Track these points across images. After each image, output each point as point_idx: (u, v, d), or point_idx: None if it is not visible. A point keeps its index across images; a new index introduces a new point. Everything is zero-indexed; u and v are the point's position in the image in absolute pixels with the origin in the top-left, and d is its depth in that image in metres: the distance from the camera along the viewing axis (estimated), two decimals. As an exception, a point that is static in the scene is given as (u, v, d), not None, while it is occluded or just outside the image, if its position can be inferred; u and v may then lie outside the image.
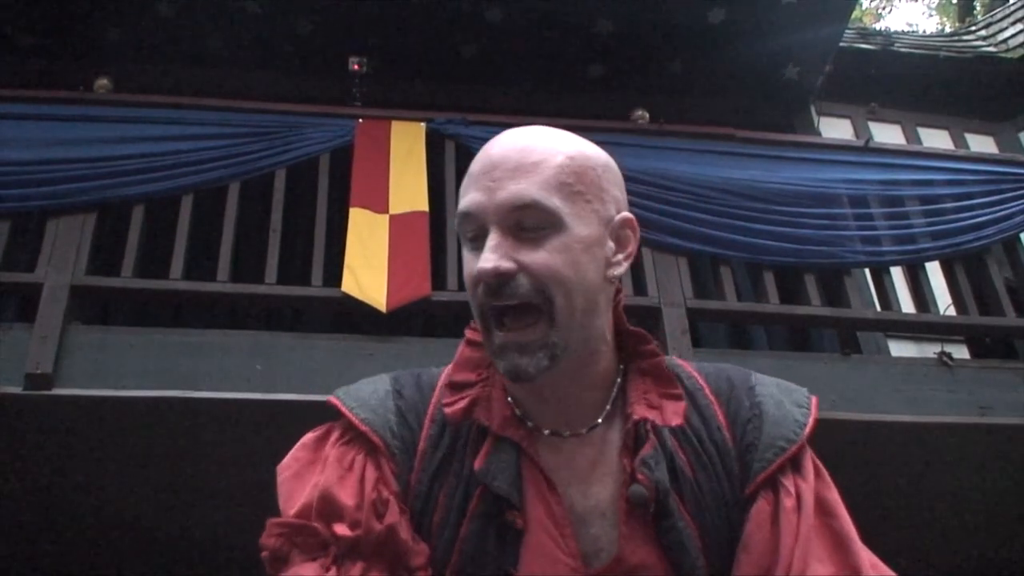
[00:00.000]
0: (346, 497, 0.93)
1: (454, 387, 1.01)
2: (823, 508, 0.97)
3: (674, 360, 1.08)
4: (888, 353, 4.21)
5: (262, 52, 4.73)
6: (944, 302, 4.01)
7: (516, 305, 0.92)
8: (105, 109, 3.78)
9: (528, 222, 0.91)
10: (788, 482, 0.96)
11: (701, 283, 3.92)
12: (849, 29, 5.40)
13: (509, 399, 1.00)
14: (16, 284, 3.34)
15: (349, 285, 3.30)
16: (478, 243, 0.94)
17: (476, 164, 0.96)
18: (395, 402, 1.02)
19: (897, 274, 4.05)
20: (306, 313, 4.09)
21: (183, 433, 3.18)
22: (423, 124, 3.87)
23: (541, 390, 0.98)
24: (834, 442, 3.49)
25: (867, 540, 0.98)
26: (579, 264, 0.92)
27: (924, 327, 3.97)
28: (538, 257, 0.91)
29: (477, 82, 4.87)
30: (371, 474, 0.96)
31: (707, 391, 1.03)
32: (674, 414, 0.97)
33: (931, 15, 16.23)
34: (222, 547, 3.64)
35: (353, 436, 0.99)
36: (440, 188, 3.70)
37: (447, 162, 3.81)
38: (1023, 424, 3.49)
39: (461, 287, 3.59)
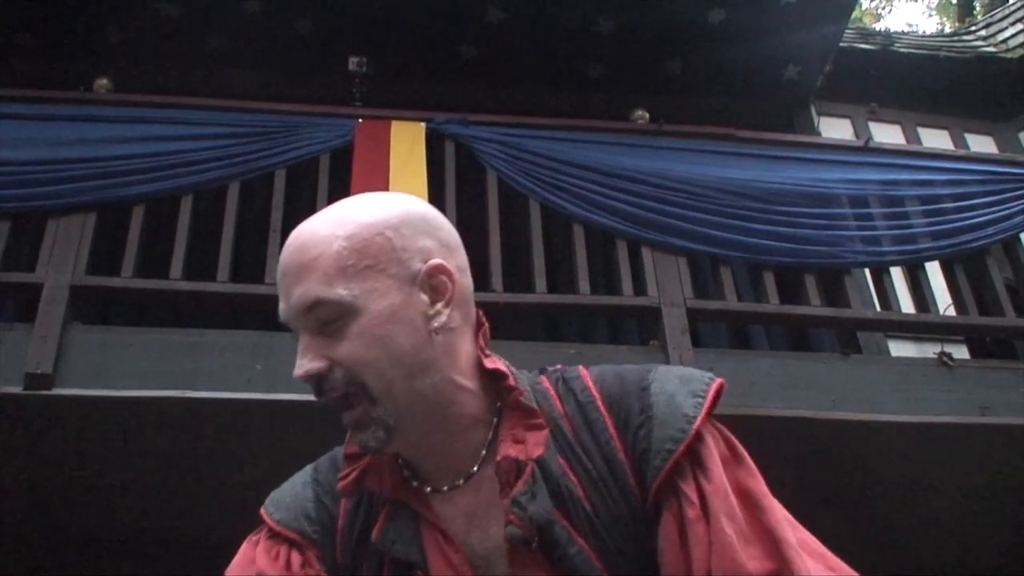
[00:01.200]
0: (278, 574, 1.01)
1: (348, 459, 1.03)
2: (746, 499, 0.93)
3: (575, 372, 1.06)
4: (888, 353, 4.21)
5: (262, 52, 4.73)
6: (944, 302, 4.01)
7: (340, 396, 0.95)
8: (105, 109, 3.78)
9: (323, 317, 0.93)
10: (688, 487, 0.93)
11: (701, 283, 3.92)
12: (849, 29, 5.40)
13: (400, 461, 1.03)
14: (16, 284, 3.34)
15: (349, 285, 3.30)
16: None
17: (278, 271, 0.98)
18: (313, 489, 1.07)
19: (897, 274, 4.05)
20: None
21: (183, 433, 3.18)
22: (423, 124, 3.87)
23: (416, 450, 1.00)
24: (834, 442, 3.51)
25: (867, 540, 0.98)
26: (384, 339, 0.92)
27: (924, 327, 3.97)
28: (342, 349, 0.92)
29: (477, 82, 4.87)
30: (296, 558, 1.02)
31: (599, 402, 1.00)
32: (536, 445, 0.96)
33: (931, 15, 16.23)
34: (222, 547, 3.64)
35: (275, 533, 1.06)
36: (440, 188, 3.70)
37: (447, 162, 3.81)
38: (1023, 424, 3.49)
39: (461, 287, 3.60)
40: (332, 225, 0.95)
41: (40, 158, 3.46)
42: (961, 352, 4.04)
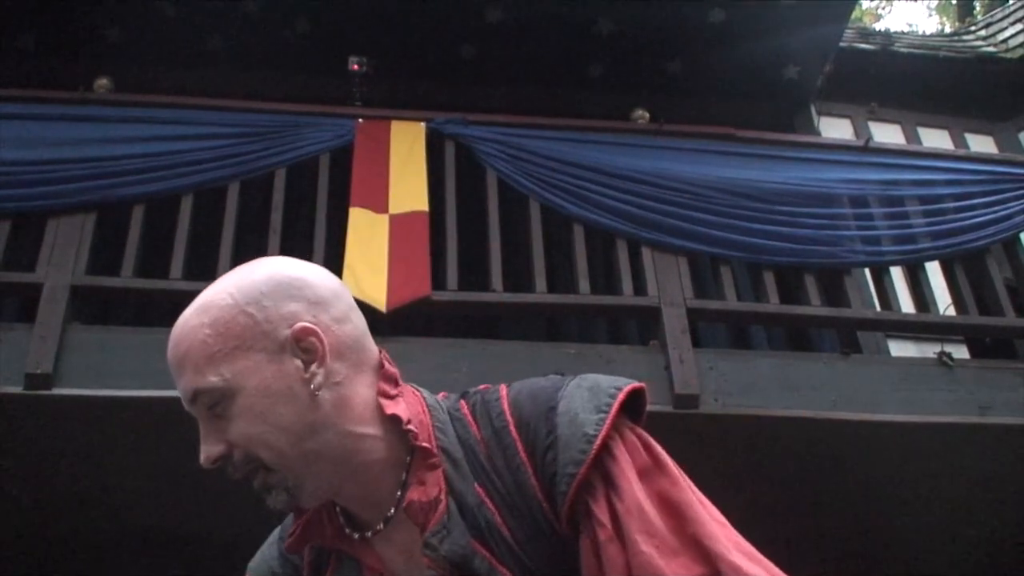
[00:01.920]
0: None
1: (296, 513, 1.06)
2: (669, 510, 0.90)
3: (496, 394, 1.03)
4: (888, 353, 4.21)
5: (262, 52, 4.73)
6: (944, 302, 4.01)
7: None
8: (105, 109, 3.78)
9: (208, 404, 0.96)
10: (600, 508, 0.91)
11: (701, 283, 3.92)
12: (849, 29, 5.40)
13: (336, 509, 1.06)
14: (16, 284, 3.34)
15: (349, 285, 3.27)
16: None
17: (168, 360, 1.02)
18: (278, 546, 1.12)
19: (897, 274, 4.05)
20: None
21: (183, 433, 3.17)
22: (423, 124, 3.87)
23: (340, 498, 1.03)
24: (834, 442, 3.51)
25: (867, 540, 0.98)
26: (264, 413, 0.94)
27: (924, 327, 3.96)
28: (232, 430, 0.95)
29: (477, 82, 4.87)
30: None
31: (511, 426, 0.97)
32: (433, 485, 0.96)
33: (931, 15, 16.23)
34: (222, 547, 3.64)
35: None
36: (440, 188, 3.70)
37: (447, 162, 3.81)
38: (1023, 424, 3.49)
39: (461, 287, 3.62)
40: (198, 313, 0.98)
41: (40, 158, 3.46)
42: (961, 352, 4.04)
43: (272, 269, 1.00)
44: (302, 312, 0.98)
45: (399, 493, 0.99)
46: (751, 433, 3.37)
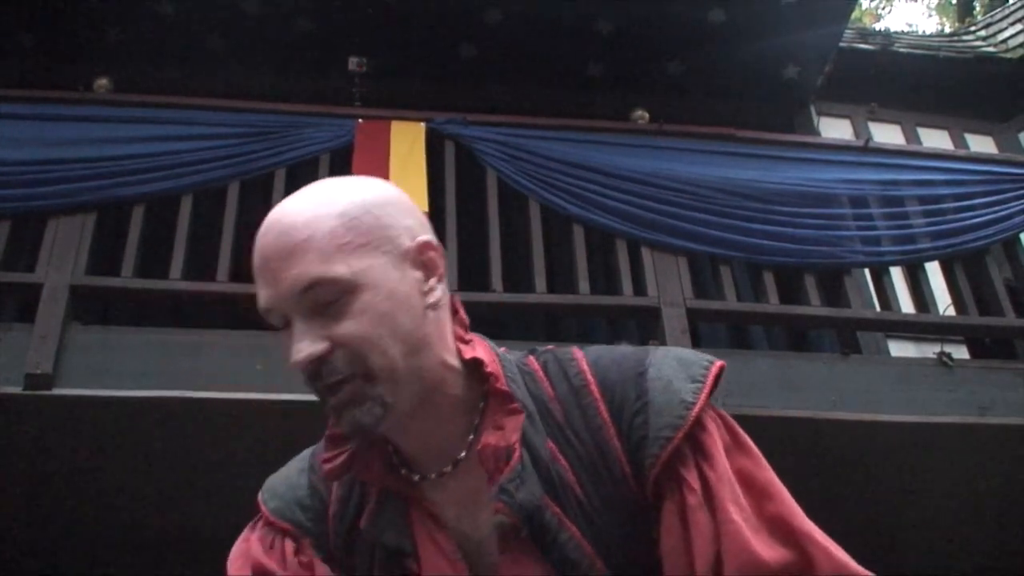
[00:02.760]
0: (273, 564, 1.00)
1: (331, 441, 0.99)
2: (751, 487, 0.91)
3: (569, 354, 1.02)
4: (888, 353, 4.21)
5: (262, 52, 4.73)
6: (944, 302, 4.01)
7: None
8: (105, 109, 3.78)
9: (322, 299, 0.89)
10: (690, 474, 0.90)
11: (701, 283, 3.92)
12: (849, 29, 5.40)
13: (389, 447, 1.00)
14: (16, 284, 3.34)
15: (349, 285, 3.30)
16: (288, 329, 0.92)
17: (255, 256, 0.92)
18: (308, 476, 1.06)
19: (897, 274, 4.05)
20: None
21: (183, 433, 3.18)
22: (423, 124, 3.87)
23: (404, 434, 0.97)
24: (834, 442, 3.51)
25: (867, 539, 0.98)
26: (386, 316, 0.89)
27: (924, 327, 3.97)
28: (343, 329, 0.88)
29: (477, 82, 4.87)
30: (290, 547, 1.02)
31: (592, 386, 0.97)
32: (512, 431, 0.93)
33: (931, 15, 16.24)
34: (222, 547, 3.64)
35: (270, 522, 1.06)
36: (440, 188, 3.70)
37: (447, 162, 3.81)
38: (1023, 424, 3.49)
39: (461, 287, 3.61)
40: (317, 206, 0.92)
41: (40, 158, 3.46)
42: (961, 352, 4.04)
43: (383, 185, 0.99)
44: (418, 229, 0.97)
45: (471, 437, 0.96)
46: (751, 433, 3.35)
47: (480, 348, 0.98)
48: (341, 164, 3.71)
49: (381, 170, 3.68)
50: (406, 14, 4.62)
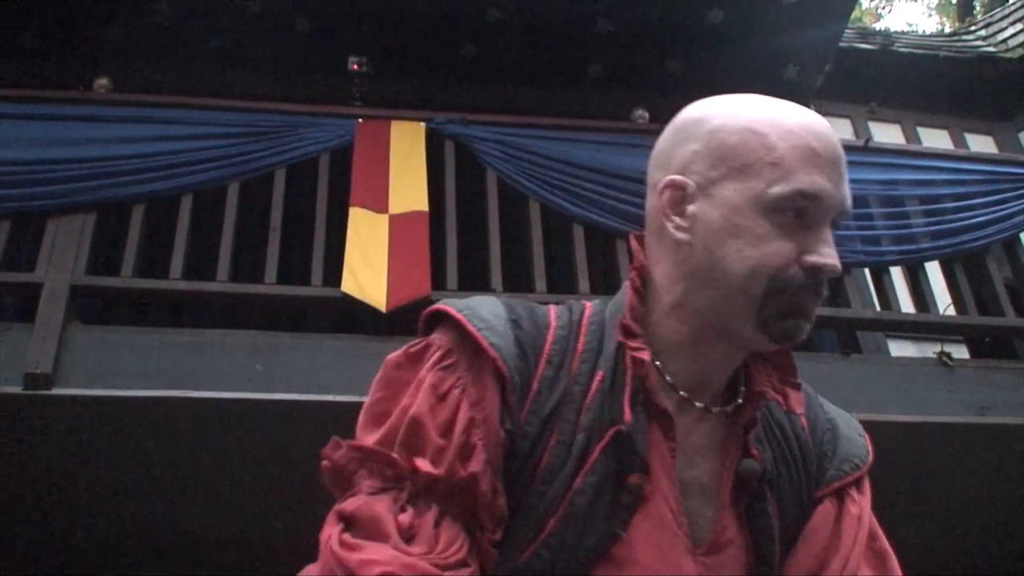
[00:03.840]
0: (434, 431, 0.85)
1: (629, 334, 0.93)
2: (871, 529, 1.01)
3: None
4: (888, 353, 4.21)
5: (262, 52, 4.73)
6: (944, 302, 4.01)
7: None
8: (105, 109, 3.78)
9: (839, 221, 0.94)
10: (854, 494, 1.00)
11: (701, 283, 3.92)
12: (849, 29, 5.40)
13: (656, 363, 0.95)
14: (16, 284, 3.34)
15: (349, 285, 3.30)
16: (798, 224, 0.89)
17: (817, 145, 0.90)
18: (514, 332, 0.93)
19: (897, 274, 4.05)
20: (306, 313, 4.09)
21: (183, 433, 3.18)
22: (423, 124, 3.87)
23: (702, 358, 0.95)
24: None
25: (867, 540, 1.01)
26: None
27: (924, 327, 3.97)
28: (835, 253, 0.92)
29: (477, 82, 4.87)
30: (464, 413, 0.87)
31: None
32: (797, 403, 0.96)
33: (931, 15, 16.24)
34: (222, 547, 3.64)
35: (459, 360, 0.90)
36: (440, 188, 3.70)
37: (447, 162, 3.81)
38: (1023, 424, 3.49)
39: (461, 287, 3.61)
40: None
41: (40, 158, 3.46)
42: (961, 352, 4.04)
43: None
44: None
45: (740, 386, 0.98)
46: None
47: None
48: (341, 164, 3.71)
49: (381, 170, 3.68)
50: (406, 14, 4.62)
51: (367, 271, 3.34)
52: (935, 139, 5.41)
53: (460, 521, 0.84)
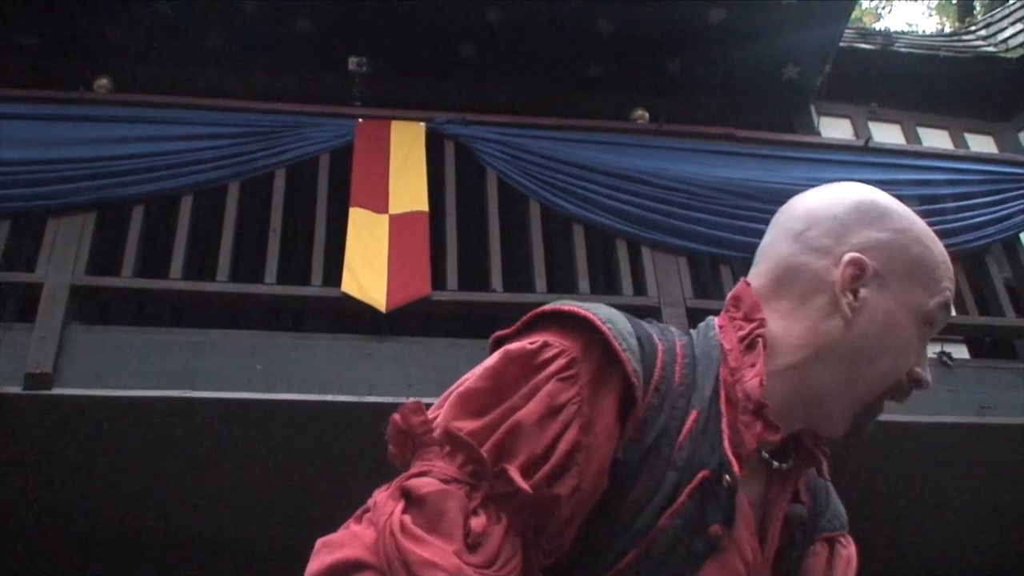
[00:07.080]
0: (537, 443, 0.81)
1: (762, 416, 0.93)
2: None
3: None
4: (888, 353, 4.20)
5: (262, 52, 4.73)
6: (944, 302, 4.00)
7: None
8: (105, 109, 3.78)
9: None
10: (843, 541, 1.08)
11: (701, 283, 3.92)
12: (849, 29, 5.40)
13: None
14: (16, 284, 3.34)
15: (349, 285, 3.30)
16: (927, 336, 0.99)
17: (950, 266, 1.00)
18: (640, 353, 0.89)
19: (897, 274, 4.04)
20: (306, 313, 4.09)
21: (183, 433, 3.18)
22: (423, 124, 3.87)
23: (781, 421, 0.94)
24: (834, 442, 3.51)
25: (866, 540, 1.02)
26: None
27: (924, 327, 3.96)
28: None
29: (477, 82, 4.87)
30: (572, 433, 0.83)
31: None
32: (827, 469, 1.05)
33: (931, 15, 16.24)
34: (222, 547, 3.64)
35: (580, 372, 0.85)
36: (440, 188, 3.70)
37: (447, 162, 3.81)
38: (1023, 424, 3.49)
39: (461, 287, 3.61)
40: None
41: (40, 158, 3.46)
42: (961, 352, 4.04)
43: None
44: None
45: (800, 441, 1.01)
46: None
47: None
48: (341, 164, 3.71)
49: (381, 170, 3.68)
50: (406, 14, 4.62)
51: (367, 271, 3.34)
52: (935, 139, 5.41)
53: (521, 537, 0.81)
